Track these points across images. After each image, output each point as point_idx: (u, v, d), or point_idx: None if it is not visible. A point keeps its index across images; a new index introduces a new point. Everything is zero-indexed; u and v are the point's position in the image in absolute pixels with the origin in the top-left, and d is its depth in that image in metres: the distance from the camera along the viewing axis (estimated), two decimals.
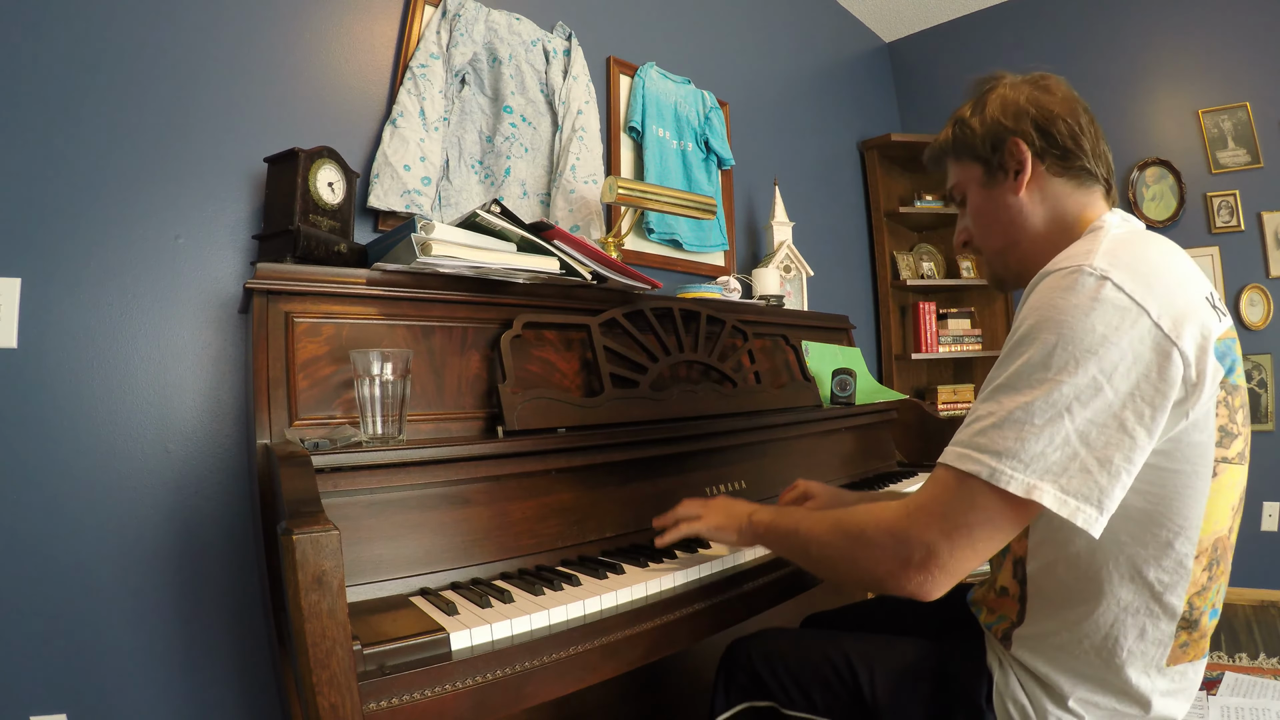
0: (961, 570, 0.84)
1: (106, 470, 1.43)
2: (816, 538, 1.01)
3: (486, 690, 0.90)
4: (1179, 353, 0.78)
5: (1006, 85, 1.08)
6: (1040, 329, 0.82)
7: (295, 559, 0.78)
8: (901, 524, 0.87)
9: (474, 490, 1.24)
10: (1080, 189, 1.03)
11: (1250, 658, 2.67)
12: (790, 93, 3.51)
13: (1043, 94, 1.05)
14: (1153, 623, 0.87)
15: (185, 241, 1.55)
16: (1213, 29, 3.42)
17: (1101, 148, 1.04)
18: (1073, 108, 1.04)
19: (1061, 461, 0.78)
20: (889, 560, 0.87)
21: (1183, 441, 0.82)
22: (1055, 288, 0.83)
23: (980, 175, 1.09)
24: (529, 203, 2.12)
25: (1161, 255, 0.88)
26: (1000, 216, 1.07)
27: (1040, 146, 1.03)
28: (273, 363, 1.20)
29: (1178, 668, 0.90)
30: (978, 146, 1.08)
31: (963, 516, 0.82)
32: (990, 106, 1.08)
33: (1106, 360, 0.78)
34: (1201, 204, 3.43)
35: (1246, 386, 0.91)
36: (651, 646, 1.08)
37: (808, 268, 3.00)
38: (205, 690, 1.51)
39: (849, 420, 2.17)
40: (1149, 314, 0.78)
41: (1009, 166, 1.05)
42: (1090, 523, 0.78)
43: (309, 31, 1.77)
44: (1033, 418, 0.79)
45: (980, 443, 0.82)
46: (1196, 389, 0.80)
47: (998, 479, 0.79)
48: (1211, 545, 0.88)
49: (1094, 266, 0.81)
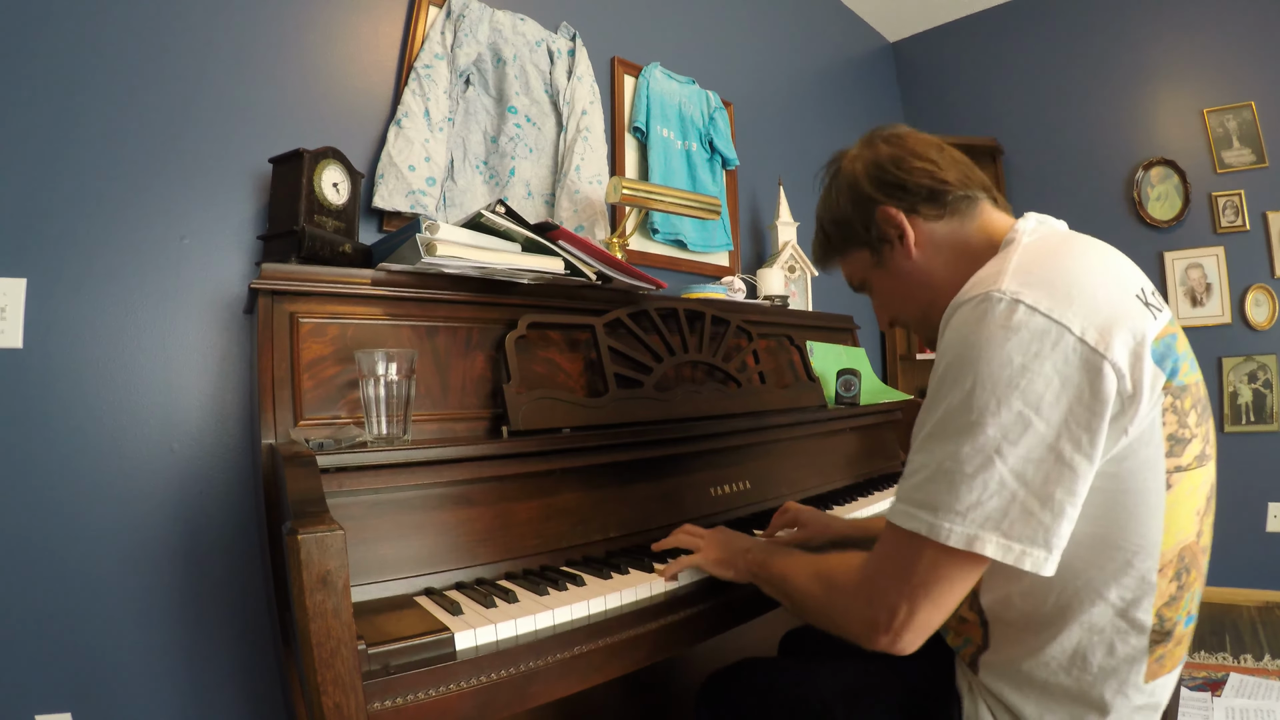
0: (928, 626, 0.81)
1: (111, 470, 1.43)
2: (798, 587, 0.99)
3: (491, 690, 0.90)
4: (1110, 365, 0.73)
5: (846, 162, 1.06)
6: (956, 368, 0.77)
7: (300, 559, 0.78)
8: (864, 588, 0.85)
9: (478, 490, 1.24)
10: (968, 218, 0.99)
11: (1255, 659, 2.66)
12: (795, 93, 3.51)
13: (883, 149, 1.02)
14: (1121, 639, 0.83)
15: (190, 242, 1.55)
16: (1217, 28, 3.41)
17: (964, 168, 1.00)
18: (916, 148, 1.01)
19: (1000, 507, 0.74)
20: (858, 623, 0.85)
21: (1128, 459, 0.77)
22: (965, 321, 0.79)
23: (869, 258, 1.06)
24: (534, 203, 2.12)
25: (1083, 257, 0.84)
26: (908, 285, 1.04)
27: (907, 203, 0.99)
28: (278, 363, 1.21)
29: (1158, 681, 0.86)
30: (851, 233, 1.05)
31: (917, 576, 0.79)
32: (839, 194, 1.05)
33: (1030, 391, 0.73)
34: (1206, 204, 3.42)
35: (1200, 378, 0.86)
36: (655, 647, 1.08)
37: (812, 268, 3.00)
38: (209, 690, 1.51)
39: (854, 420, 2.17)
40: (1071, 330, 0.73)
41: (890, 237, 1.01)
42: (1039, 565, 0.74)
43: (314, 32, 1.78)
44: (962, 466, 0.75)
45: (916, 498, 0.79)
46: (1134, 401, 0.74)
47: (937, 534, 0.75)
48: (1177, 556, 0.83)
49: (1002, 290, 0.76)
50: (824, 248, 1.13)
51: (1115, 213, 3.63)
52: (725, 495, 1.62)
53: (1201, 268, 3.43)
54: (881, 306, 1.12)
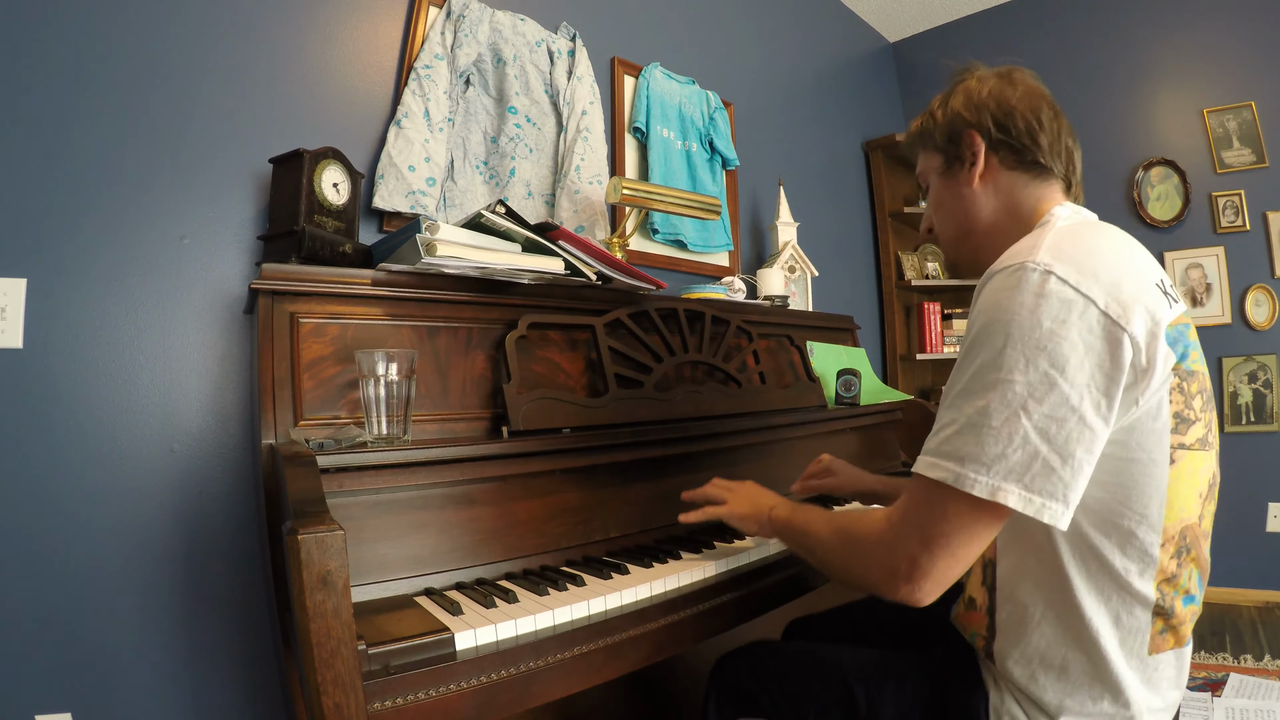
0: (947, 577, 0.85)
1: (111, 470, 1.43)
2: (820, 539, 1.03)
3: (491, 690, 0.90)
4: (1128, 337, 0.79)
5: (974, 78, 1.11)
6: (989, 330, 0.83)
7: (300, 559, 0.78)
8: (886, 535, 0.89)
9: (479, 490, 1.24)
10: (1035, 182, 1.04)
11: (1255, 659, 2.66)
12: (795, 93, 3.51)
13: (1006, 88, 1.06)
14: (1126, 610, 0.87)
15: (190, 242, 1.55)
16: (1217, 28, 3.41)
17: (1063, 143, 1.04)
18: (1034, 102, 1.05)
19: (1023, 461, 0.79)
20: (878, 570, 0.89)
21: (1136, 429, 0.83)
22: (1001, 286, 0.84)
23: (940, 165, 1.12)
24: (534, 203, 2.12)
25: (1110, 243, 0.89)
26: (955, 206, 1.10)
27: (995, 139, 1.04)
28: (278, 363, 1.21)
29: (1161, 656, 0.90)
30: (938, 137, 1.11)
31: (938, 525, 0.83)
32: (954, 99, 1.10)
33: (1057, 354, 0.78)
34: (1207, 204, 3.42)
35: (1206, 371, 0.92)
36: (656, 647, 1.08)
37: (812, 268, 3.00)
38: (210, 690, 1.51)
39: (854, 420, 2.17)
40: (1095, 303, 0.79)
41: (964, 158, 1.07)
42: (1057, 518, 0.79)
43: (314, 32, 1.78)
44: (990, 420, 0.80)
45: (944, 449, 0.83)
46: (1146, 374, 0.80)
47: (962, 484, 0.80)
48: (1179, 533, 0.87)
49: (1036, 261, 0.82)
50: (913, 137, 1.19)
51: (1115, 213, 3.63)
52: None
53: (1202, 268, 3.43)
54: (928, 210, 1.19)
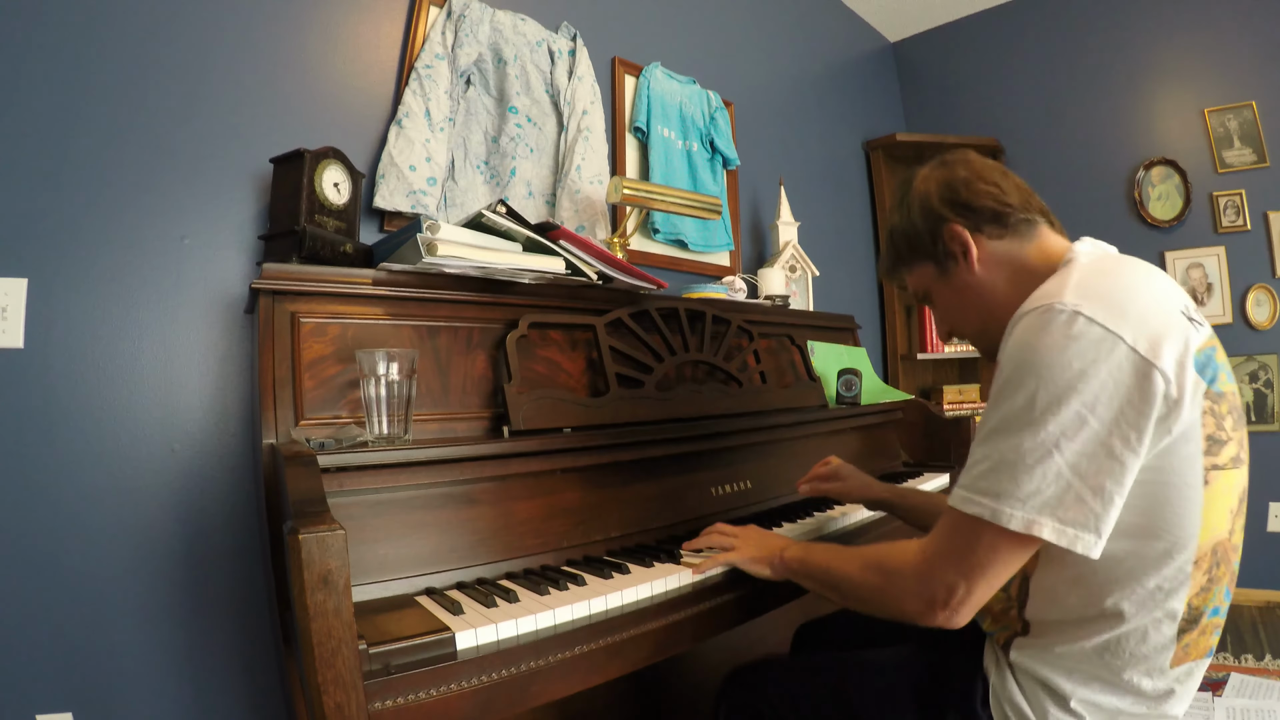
0: (980, 602, 0.90)
1: (112, 470, 1.43)
2: (847, 577, 1.05)
3: (492, 690, 0.90)
4: (1159, 373, 0.81)
5: (919, 180, 1.13)
6: (1022, 372, 0.85)
7: (301, 558, 0.78)
8: (923, 568, 0.92)
9: (479, 490, 1.24)
10: (1027, 239, 1.06)
11: (1256, 659, 2.66)
12: (795, 93, 3.51)
13: (950, 171, 1.09)
14: (1155, 628, 0.89)
15: (191, 242, 1.55)
16: (1218, 27, 3.40)
17: (1025, 193, 1.07)
18: (980, 171, 1.08)
19: (1056, 495, 0.81)
20: (916, 601, 0.93)
21: (1169, 455, 0.84)
22: (1030, 329, 0.86)
23: (934, 272, 1.13)
24: (534, 203, 2.12)
25: (1132, 277, 0.91)
26: (968, 300, 1.11)
27: (971, 220, 1.06)
28: (279, 363, 1.21)
29: (1182, 667, 0.91)
30: (919, 247, 1.12)
31: (975, 556, 0.87)
32: (912, 212, 1.12)
33: (1087, 393, 0.81)
34: (1207, 203, 3.42)
35: (1235, 389, 0.95)
36: (657, 646, 1.08)
37: (813, 267, 3.00)
38: (210, 689, 1.51)
39: (855, 420, 2.16)
40: (1124, 340, 0.81)
41: (955, 252, 1.08)
42: (1089, 548, 0.82)
43: (314, 32, 1.78)
44: (1024, 458, 0.82)
45: (981, 485, 0.86)
46: (1178, 405, 0.82)
47: (999, 519, 0.83)
48: (1211, 550, 0.89)
49: (1064, 303, 0.84)
50: (892, 259, 1.20)
51: (1116, 212, 3.63)
52: (726, 495, 1.62)
53: (1202, 267, 3.42)
54: (941, 318, 1.19)
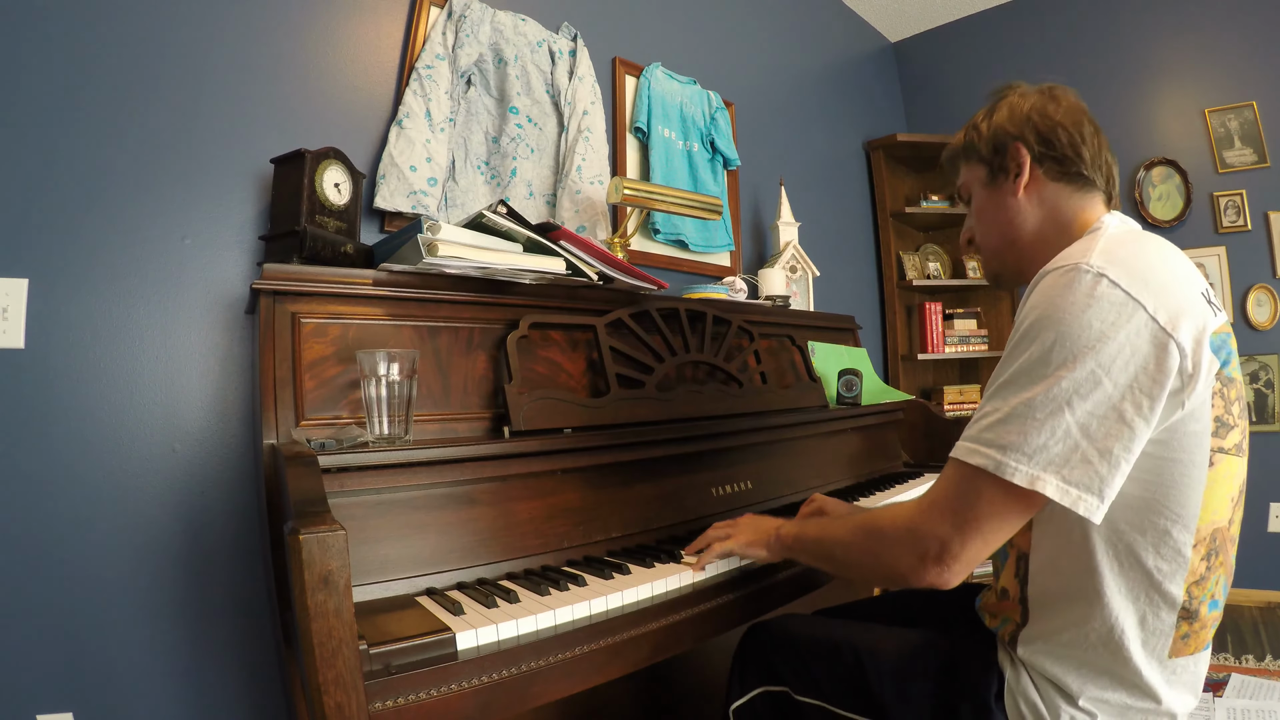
0: (975, 559, 0.88)
1: (113, 470, 1.43)
2: (840, 540, 1.06)
3: (492, 690, 0.90)
4: (1175, 344, 0.81)
5: (1017, 94, 1.13)
6: (1040, 326, 0.85)
7: (302, 559, 0.78)
8: (916, 520, 0.92)
9: (480, 490, 1.24)
10: (1078, 194, 1.07)
11: (1257, 659, 2.66)
12: (796, 93, 3.51)
13: (1049, 103, 1.09)
14: (1153, 611, 0.90)
15: (192, 242, 1.55)
16: (1219, 28, 3.40)
17: (1104, 157, 1.07)
18: (1077, 118, 1.07)
19: (1063, 453, 0.81)
20: (907, 555, 0.92)
21: (1179, 431, 0.85)
22: (1054, 285, 0.87)
23: (984, 176, 1.14)
24: (535, 203, 2.12)
25: (1158, 253, 0.91)
26: (999, 216, 1.12)
27: (1039, 152, 1.07)
28: (279, 363, 1.21)
29: (1180, 660, 0.92)
30: (983, 149, 1.13)
31: (972, 509, 0.86)
32: (999, 113, 1.13)
33: (1104, 354, 0.81)
34: (1208, 204, 3.42)
35: (1243, 380, 0.97)
36: (657, 647, 1.08)
37: (813, 268, 3.00)
38: (211, 689, 1.51)
39: (855, 421, 2.16)
40: (1145, 308, 0.82)
41: (1009, 169, 1.10)
42: (1091, 510, 0.81)
43: (315, 33, 1.78)
44: (1034, 412, 0.82)
45: (986, 437, 0.86)
46: (1192, 380, 0.82)
47: (1003, 471, 0.83)
48: (1210, 535, 0.90)
49: (1090, 264, 0.85)
50: (956, 150, 1.21)
51: None
52: (727, 495, 1.62)
53: (1203, 268, 3.42)
54: (970, 221, 1.21)
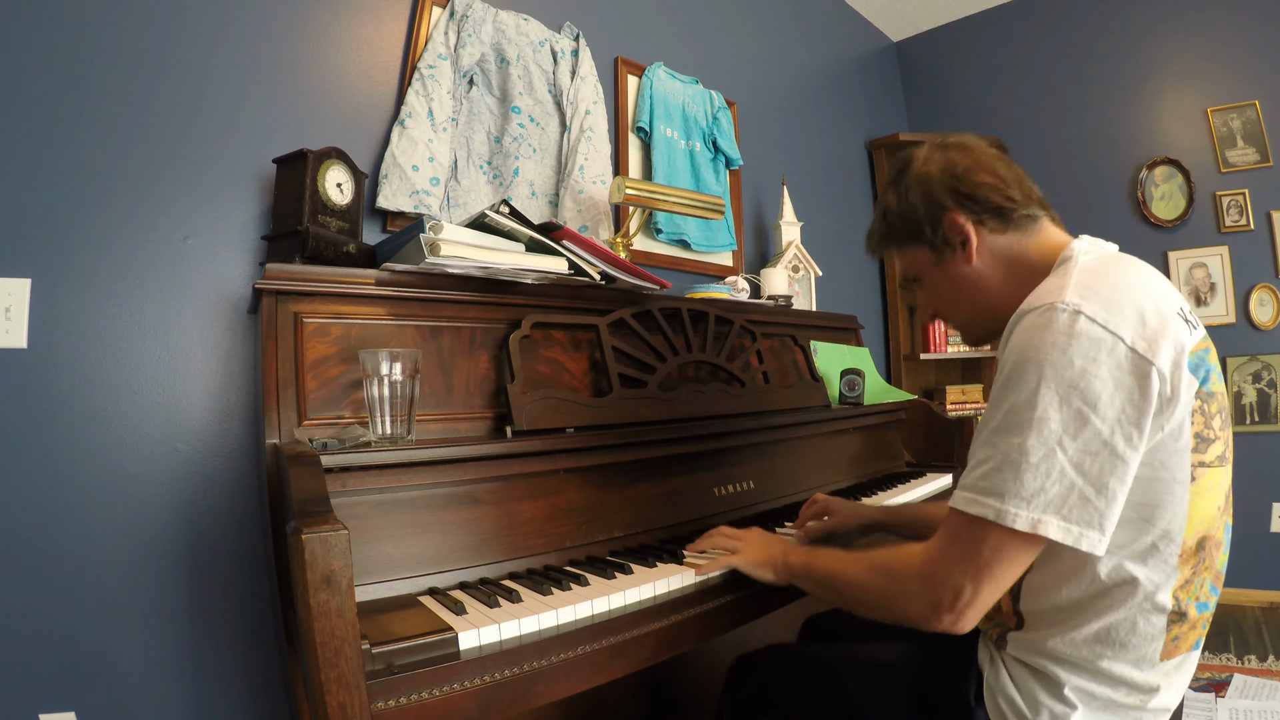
0: (988, 603, 0.89)
1: (115, 470, 1.43)
2: (851, 581, 1.04)
3: (494, 690, 0.90)
4: (1156, 371, 0.82)
5: (919, 162, 1.10)
6: (1023, 369, 0.85)
7: (304, 558, 0.78)
8: (927, 570, 0.92)
9: (482, 490, 1.24)
10: (1026, 234, 1.05)
11: (1259, 660, 2.65)
12: (798, 93, 3.51)
13: (954, 156, 1.07)
14: (1144, 619, 0.90)
15: (194, 242, 1.56)
16: (1221, 27, 3.39)
17: (1026, 184, 1.06)
18: (986, 160, 1.06)
19: (1061, 494, 0.82)
20: (921, 604, 0.92)
21: (1160, 451, 0.86)
22: (1032, 327, 0.87)
23: (929, 256, 1.11)
24: (537, 203, 2.12)
25: (1130, 278, 0.91)
26: (962, 290, 1.09)
27: (974, 212, 1.04)
28: (282, 363, 1.21)
29: (1172, 661, 0.93)
30: (916, 231, 1.09)
31: (981, 558, 0.86)
32: (911, 192, 1.09)
33: (1089, 391, 0.82)
34: (1210, 203, 3.41)
35: (1224, 389, 0.96)
36: (659, 646, 1.08)
37: (816, 268, 3.00)
38: (213, 689, 1.51)
39: (857, 420, 2.16)
40: (1124, 340, 0.82)
41: (953, 241, 1.07)
42: (1094, 545, 0.83)
43: (317, 32, 1.78)
44: (1028, 456, 0.83)
45: (983, 486, 0.86)
46: (1171, 403, 0.84)
47: (1004, 519, 0.83)
48: (1196, 544, 0.91)
49: (1066, 302, 0.85)
50: (884, 237, 1.17)
51: (1119, 212, 3.62)
52: (729, 495, 1.62)
53: (1206, 267, 3.41)
54: (928, 302, 1.17)
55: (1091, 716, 0.93)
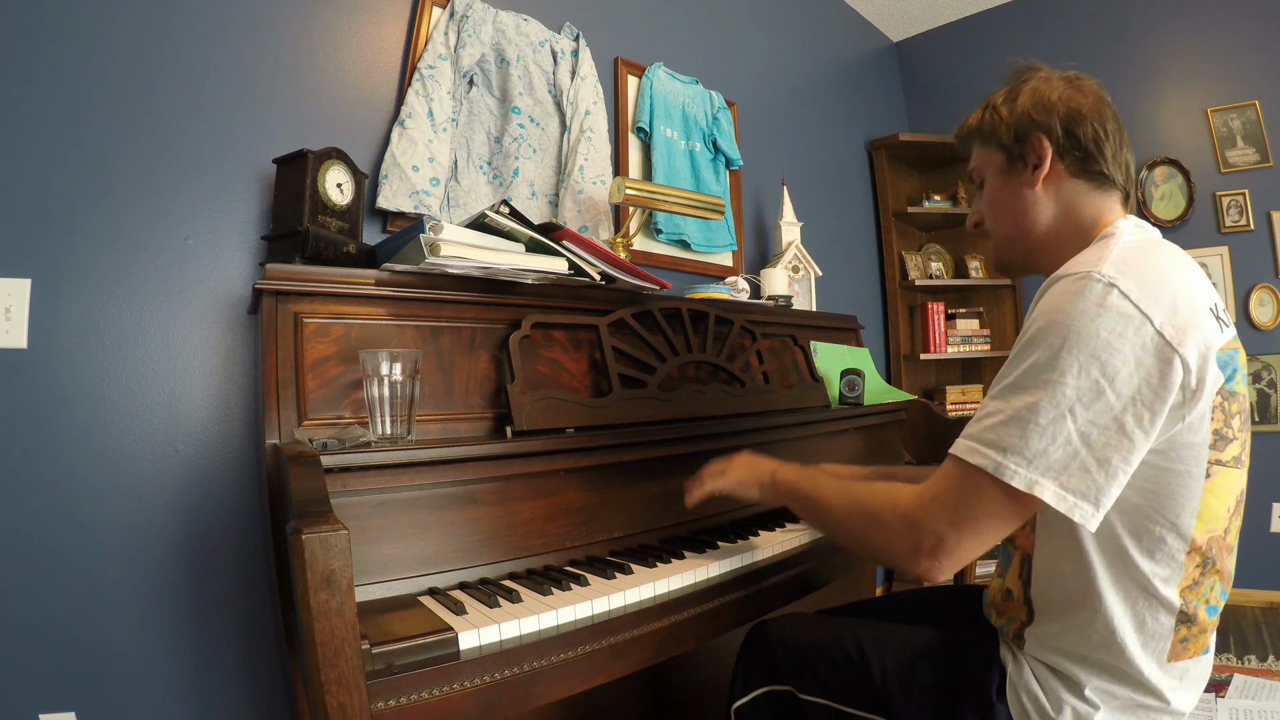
0: (967, 557, 0.88)
1: (115, 470, 1.43)
2: (835, 509, 1.05)
3: (494, 690, 0.90)
4: (1180, 360, 0.82)
5: (1041, 78, 1.09)
6: (1048, 331, 0.85)
7: (304, 558, 0.78)
8: (914, 512, 0.91)
9: (482, 490, 1.24)
10: (1096, 192, 1.05)
11: (1259, 660, 2.65)
12: (798, 93, 3.51)
13: (1075, 93, 1.06)
14: (1151, 615, 0.90)
15: (194, 242, 1.56)
16: (1221, 27, 3.40)
17: (1124, 155, 1.06)
18: (1101, 111, 1.05)
19: (1062, 460, 0.82)
20: (901, 544, 0.92)
21: (1177, 442, 0.86)
22: (1065, 292, 0.86)
23: (1001, 162, 1.11)
24: (537, 203, 2.13)
25: (1169, 265, 0.90)
26: (1014, 206, 1.09)
27: (1063, 145, 1.04)
28: (282, 363, 1.21)
29: (1179, 664, 0.93)
30: (1002, 135, 1.10)
31: (969, 509, 0.86)
32: (1022, 97, 1.09)
33: (1110, 365, 0.81)
34: (1211, 203, 3.41)
35: (1247, 392, 0.97)
36: (659, 646, 1.08)
37: (816, 268, 3.00)
38: (213, 689, 1.51)
39: (857, 420, 2.16)
40: (1152, 322, 0.82)
41: (1029, 159, 1.07)
42: (1086, 518, 0.82)
43: (317, 33, 1.78)
44: (1037, 417, 0.82)
45: (988, 438, 0.86)
46: (1195, 395, 0.83)
47: (1002, 473, 0.83)
48: (1205, 544, 0.90)
49: (1102, 273, 0.84)
50: (971, 130, 1.16)
51: None
52: None
53: (1206, 267, 3.41)
54: (980, 208, 1.17)
55: (1113, 717, 0.93)
